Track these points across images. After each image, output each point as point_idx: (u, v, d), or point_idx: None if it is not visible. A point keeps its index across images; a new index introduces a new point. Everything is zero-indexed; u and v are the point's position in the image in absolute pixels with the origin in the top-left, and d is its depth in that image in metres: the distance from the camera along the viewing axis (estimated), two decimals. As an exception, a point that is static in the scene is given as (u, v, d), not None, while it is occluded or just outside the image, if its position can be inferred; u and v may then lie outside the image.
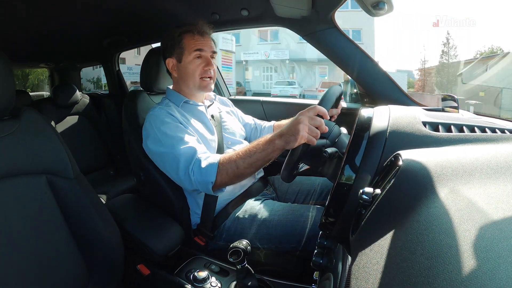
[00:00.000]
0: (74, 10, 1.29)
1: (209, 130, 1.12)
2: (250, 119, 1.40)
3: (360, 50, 1.23)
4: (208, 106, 1.23)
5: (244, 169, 0.90)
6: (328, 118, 0.85)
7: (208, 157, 0.95)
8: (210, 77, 1.12)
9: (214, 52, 1.14)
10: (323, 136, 0.84)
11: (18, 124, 0.82)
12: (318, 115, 0.82)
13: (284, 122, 1.31)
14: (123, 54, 2.50)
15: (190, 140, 0.99)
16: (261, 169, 1.27)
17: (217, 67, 1.37)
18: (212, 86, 1.16)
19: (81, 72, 2.94)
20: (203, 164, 0.93)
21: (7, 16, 1.22)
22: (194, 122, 1.10)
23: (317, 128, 0.81)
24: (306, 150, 0.82)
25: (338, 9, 1.14)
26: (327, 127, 0.83)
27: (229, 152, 0.95)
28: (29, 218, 0.80)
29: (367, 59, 1.24)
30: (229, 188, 1.02)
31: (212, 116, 1.19)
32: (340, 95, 1.02)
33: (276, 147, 0.85)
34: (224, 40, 13.38)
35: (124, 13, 1.47)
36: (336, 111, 1.10)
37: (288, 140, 0.82)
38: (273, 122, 1.38)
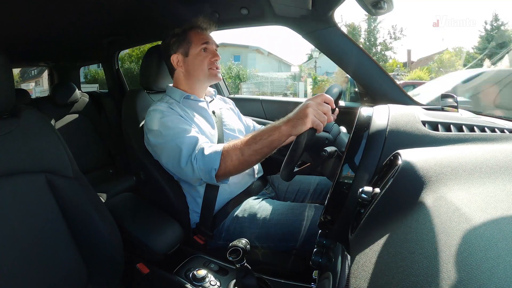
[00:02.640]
0: (74, 9, 1.29)
1: (210, 125, 1.13)
2: (250, 122, 1.41)
3: (360, 49, 1.23)
4: (209, 102, 1.23)
5: (249, 156, 0.88)
6: (334, 106, 0.84)
7: (211, 145, 0.95)
8: (217, 67, 1.15)
9: (217, 46, 1.17)
10: (325, 129, 0.84)
11: (17, 123, 0.82)
12: (325, 103, 0.82)
13: None
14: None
15: (192, 131, 0.99)
16: (261, 168, 1.28)
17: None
18: (221, 76, 1.18)
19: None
20: (207, 151, 0.92)
21: (7, 15, 1.22)
22: (195, 117, 1.10)
23: (324, 114, 0.81)
24: (310, 139, 0.81)
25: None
26: (331, 117, 0.83)
27: (233, 140, 0.94)
28: (28, 217, 0.80)
29: (366, 58, 1.24)
30: (228, 187, 1.02)
31: (213, 112, 1.19)
32: (340, 95, 1.02)
33: (282, 133, 0.84)
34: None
35: (124, 12, 1.46)
36: (334, 112, 1.10)
37: (295, 124, 0.81)
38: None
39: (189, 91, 1.15)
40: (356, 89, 1.45)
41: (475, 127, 0.52)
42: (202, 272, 0.89)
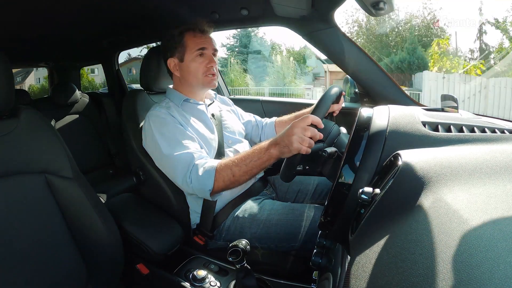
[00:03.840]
0: (74, 10, 1.29)
1: (210, 129, 1.12)
2: (250, 117, 1.40)
3: (360, 50, 1.23)
4: (209, 105, 1.22)
5: (239, 177, 0.91)
6: (322, 126, 0.85)
7: (205, 163, 0.95)
8: (213, 74, 1.12)
9: (216, 50, 1.14)
10: (320, 140, 0.84)
11: (17, 123, 0.82)
12: (313, 124, 0.82)
13: (286, 117, 1.31)
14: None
15: (188, 144, 0.99)
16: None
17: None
18: (216, 83, 1.15)
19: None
20: (200, 172, 0.93)
21: (7, 15, 1.22)
22: (194, 121, 1.09)
23: (311, 138, 0.81)
24: (303, 156, 0.82)
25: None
26: (321, 135, 0.83)
27: (225, 158, 0.95)
28: (28, 217, 0.80)
29: (366, 59, 1.24)
30: (228, 188, 1.02)
31: (213, 115, 1.18)
32: (340, 93, 1.02)
33: (271, 156, 0.87)
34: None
35: (124, 13, 1.46)
36: (337, 107, 1.09)
37: (282, 150, 0.84)
38: (274, 118, 1.38)
39: (188, 94, 1.15)
40: (356, 90, 1.45)
41: (475, 128, 0.52)
42: (202, 273, 0.89)
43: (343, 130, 0.98)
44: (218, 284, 0.88)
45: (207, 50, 1.10)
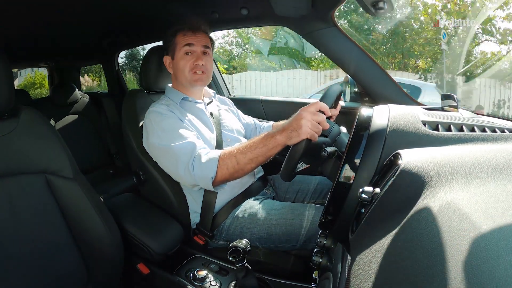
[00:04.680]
0: (74, 10, 1.29)
1: (208, 127, 1.12)
2: (250, 119, 1.41)
3: (360, 49, 1.23)
4: (208, 104, 1.23)
5: (244, 165, 0.90)
6: (330, 114, 0.84)
7: (208, 152, 0.95)
8: (202, 71, 1.11)
9: (207, 47, 1.13)
10: (323, 133, 0.84)
11: (17, 123, 0.82)
12: (320, 111, 0.82)
13: (283, 122, 1.31)
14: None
15: (190, 135, 0.99)
16: (261, 168, 1.28)
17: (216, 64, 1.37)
18: (206, 81, 1.14)
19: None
20: (203, 159, 0.92)
21: (7, 15, 1.22)
22: (193, 119, 1.10)
23: (318, 124, 0.81)
24: (307, 147, 0.82)
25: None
26: (328, 124, 0.83)
27: (229, 147, 0.95)
28: (28, 217, 0.80)
29: (366, 58, 1.24)
30: (228, 188, 1.02)
31: (211, 114, 1.19)
32: (340, 95, 1.02)
33: (278, 142, 0.85)
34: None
35: (124, 13, 1.46)
36: (334, 112, 1.10)
37: (290, 135, 0.82)
38: (272, 123, 1.38)
39: (186, 92, 1.15)
40: (356, 89, 1.45)
41: (475, 127, 0.52)
42: (202, 273, 0.89)
43: (343, 129, 0.98)
44: (219, 283, 0.88)
45: (194, 47, 1.10)
